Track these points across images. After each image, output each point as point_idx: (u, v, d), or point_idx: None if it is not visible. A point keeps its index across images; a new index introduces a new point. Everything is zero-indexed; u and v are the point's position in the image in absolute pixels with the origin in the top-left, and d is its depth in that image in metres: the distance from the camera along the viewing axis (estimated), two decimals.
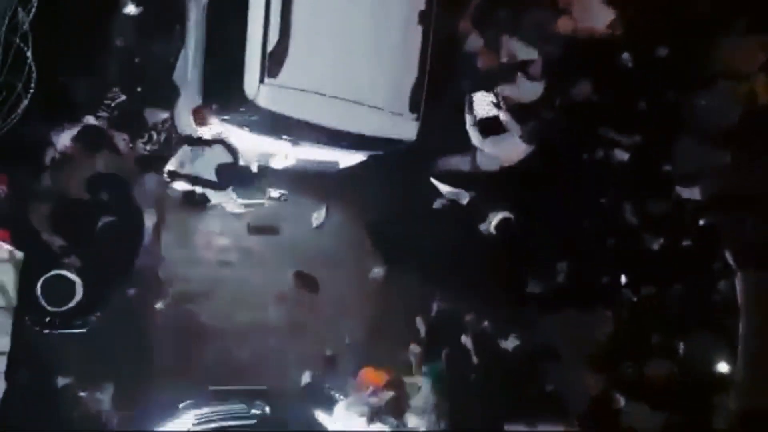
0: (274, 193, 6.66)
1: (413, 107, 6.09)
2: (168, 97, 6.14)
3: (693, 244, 6.80)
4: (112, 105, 5.74)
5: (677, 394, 6.56)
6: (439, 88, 6.33)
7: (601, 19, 6.59)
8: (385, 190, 7.00)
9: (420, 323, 7.02)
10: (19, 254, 4.57)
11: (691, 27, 6.38)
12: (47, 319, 4.76)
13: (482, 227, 6.81)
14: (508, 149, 6.75)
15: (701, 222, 6.69)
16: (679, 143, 6.54)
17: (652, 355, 6.68)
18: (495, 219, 6.71)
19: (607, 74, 6.61)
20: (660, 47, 6.53)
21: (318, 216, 7.20)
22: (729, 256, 6.61)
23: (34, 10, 4.14)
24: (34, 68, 4.21)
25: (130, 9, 5.93)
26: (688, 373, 6.65)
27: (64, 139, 5.49)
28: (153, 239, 6.40)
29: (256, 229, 6.94)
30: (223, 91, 5.81)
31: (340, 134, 5.96)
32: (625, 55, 6.58)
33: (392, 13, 5.89)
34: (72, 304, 4.65)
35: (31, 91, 4.23)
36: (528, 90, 6.72)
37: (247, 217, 6.87)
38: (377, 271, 7.23)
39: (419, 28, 6.02)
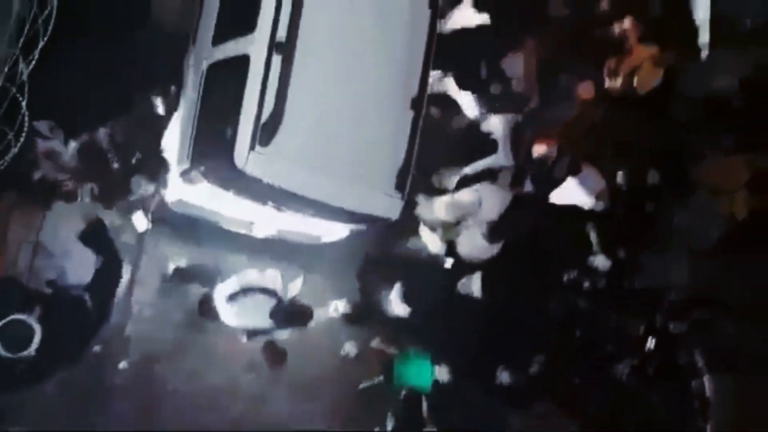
0: None
1: (399, 187, 6.19)
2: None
3: (663, 348, 6.82)
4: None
5: None
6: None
7: None
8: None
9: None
10: None
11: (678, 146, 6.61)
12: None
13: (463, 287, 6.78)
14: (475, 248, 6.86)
15: (671, 326, 6.73)
16: (657, 258, 6.67)
17: None
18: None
19: None
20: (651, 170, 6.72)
21: (293, 286, 7.15)
22: (699, 359, 6.66)
23: (34, 62, 4.21)
24: (27, 118, 4.25)
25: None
26: None
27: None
28: (126, 294, 6.33)
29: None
30: (213, 154, 5.88)
31: (326, 207, 6.02)
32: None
33: (386, 97, 6.06)
34: (28, 351, 4.51)
35: (22, 140, 4.27)
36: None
37: None
38: (348, 348, 7.15)
39: (411, 113, 6.18)
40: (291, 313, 6.19)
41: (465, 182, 6.90)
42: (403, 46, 6.16)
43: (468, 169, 6.91)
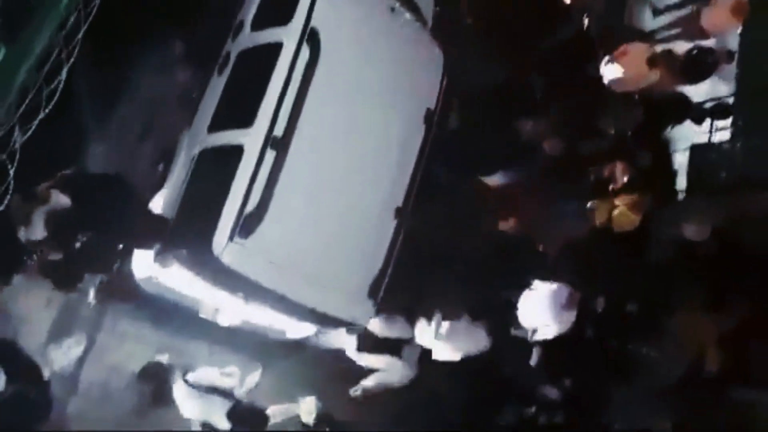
0: None
1: (371, 294, 6.17)
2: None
3: None
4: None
5: None
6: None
7: None
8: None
9: None
10: None
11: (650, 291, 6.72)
12: None
13: None
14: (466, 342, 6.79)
15: None
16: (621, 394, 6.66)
17: None
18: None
19: None
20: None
21: (250, 379, 6.95)
22: None
23: (30, 133, 4.20)
24: (12, 187, 4.20)
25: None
26: None
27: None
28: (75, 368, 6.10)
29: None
30: (192, 238, 5.83)
31: (296, 306, 5.95)
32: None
33: (371, 205, 6.14)
34: None
35: (1, 209, 4.20)
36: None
37: None
38: None
39: (393, 223, 6.25)
40: (248, 416, 5.98)
41: None
42: (395, 157, 6.30)
43: None
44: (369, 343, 6.65)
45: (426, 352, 6.73)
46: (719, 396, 6.37)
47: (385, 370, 6.80)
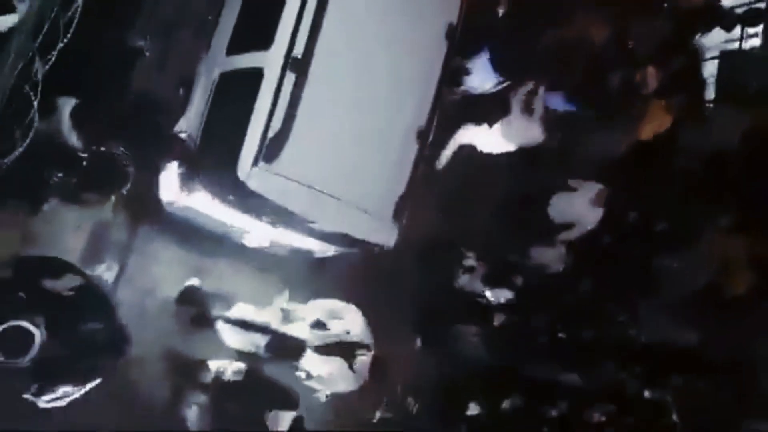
0: None
1: (396, 216, 6.20)
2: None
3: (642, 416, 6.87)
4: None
5: None
6: None
7: None
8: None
9: None
10: None
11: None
12: None
13: None
14: None
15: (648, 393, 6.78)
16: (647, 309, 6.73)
17: None
18: None
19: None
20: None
21: (280, 299, 7.09)
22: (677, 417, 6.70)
23: (50, 63, 4.18)
24: (36, 119, 4.21)
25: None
26: None
27: None
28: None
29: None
30: (216, 165, 5.86)
31: (322, 228, 6.01)
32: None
33: (395, 126, 6.08)
34: (27, 358, 4.43)
35: (28, 141, 4.22)
36: None
37: None
38: None
39: (416, 145, 6.20)
40: (286, 346, 6.15)
41: None
42: (418, 76, 6.18)
43: None
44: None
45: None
46: (746, 313, 6.41)
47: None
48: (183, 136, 6.11)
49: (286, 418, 5.52)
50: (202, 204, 6.18)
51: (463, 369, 6.99)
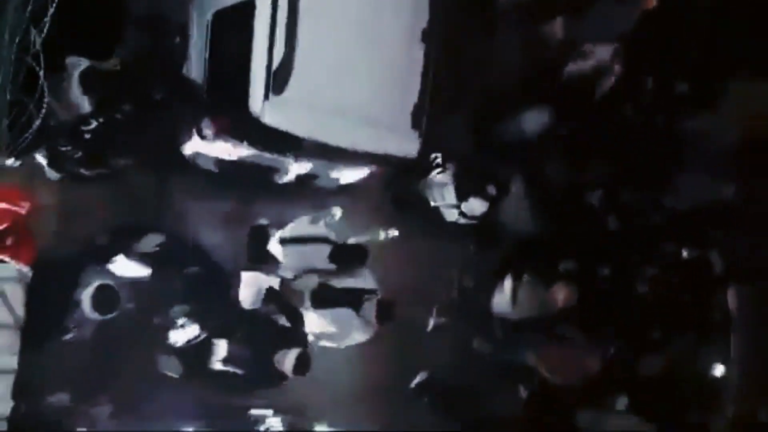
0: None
1: (415, 124, 6.16)
2: None
3: (687, 260, 6.91)
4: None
5: (672, 402, 6.66)
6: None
7: None
8: None
9: None
10: (27, 271, 4.58)
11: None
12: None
13: None
14: None
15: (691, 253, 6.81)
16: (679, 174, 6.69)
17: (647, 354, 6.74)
18: None
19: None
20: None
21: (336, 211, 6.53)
22: (723, 268, 6.77)
23: (46, 28, 4.13)
24: (46, 87, 4.21)
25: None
26: (683, 381, 6.76)
27: None
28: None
29: None
30: (227, 106, 5.83)
31: (344, 151, 5.99)
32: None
33: (395, 31, 5.96)
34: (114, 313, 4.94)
35: (43, 110, 4.23)
36: None
37: None
38: None
39: (422, 47, 6.08)
40: (349, 253, 6.10)
41: None
42: None
43: None
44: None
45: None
46: None
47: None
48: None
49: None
50: (223, 150, 6.20)
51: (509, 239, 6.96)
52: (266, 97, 5.57)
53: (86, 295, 4.89)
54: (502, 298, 6.53)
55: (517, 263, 6.69)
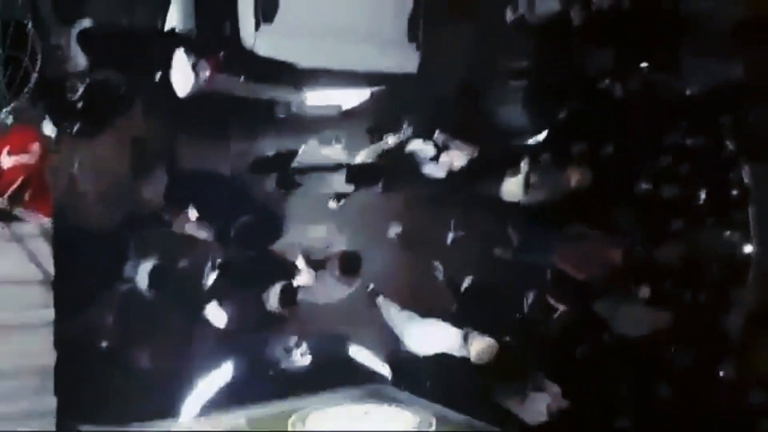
0: None
1: (412, 38, 6.06)
2: None
3: (699, 139, 6.83)
4: None
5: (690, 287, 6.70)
6: None
7: None
8: None
9: None
10: (48, 224, 4.65)
11: None
12: None
13: None
14: None
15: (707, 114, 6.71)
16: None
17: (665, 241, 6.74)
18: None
19: None
20: None
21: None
22: (736, 147, 6.70)
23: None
24: (38, 39, 4.18)
25: None
26: (702, 265, 6.78)
27: None
28: None
29: None
30: (219, 43, 5.76)
31: (342, 73, 5.94)
32: None
33: None
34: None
35: (38, 63, 4.22)
36: None
37: None
38: None
39: None
40: (365, 172, 6.18)
41: None
42: None
43: None
44: None
45: None
46: None
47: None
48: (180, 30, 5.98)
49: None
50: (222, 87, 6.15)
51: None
52: (257, 27, 5.51)
53: (143, 272, 5.06)
54: (513, 185, 6.45)
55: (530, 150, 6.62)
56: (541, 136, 6.73)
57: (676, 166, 6.81)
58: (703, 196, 6.82)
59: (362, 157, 6.26)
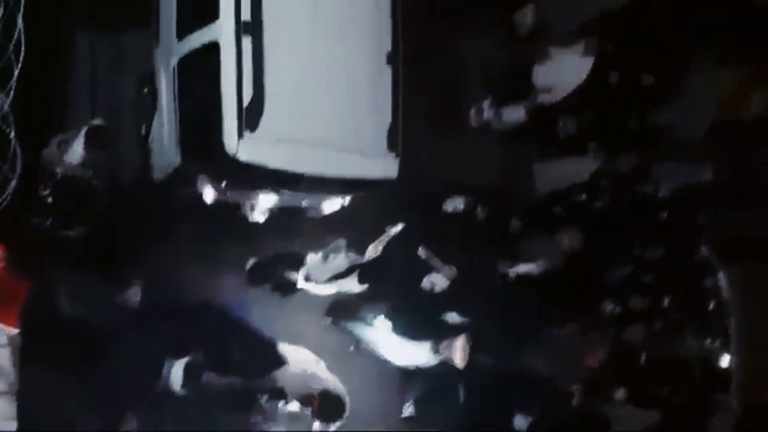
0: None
1: (391, 145, 6.20)
2: None
3: (674, 242, 6.92)
4: None
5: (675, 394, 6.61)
6: None
7: None
8: None
9: None
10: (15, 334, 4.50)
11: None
12: None
13: None
14: None
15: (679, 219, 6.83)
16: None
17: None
18: None
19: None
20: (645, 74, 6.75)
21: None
22: (710, 253, 6.78)
23: (12, 92, 4.14)
24: (18, 149, 4.20)
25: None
26: (685, 373, 6.72)
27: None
28: None
29: None
30: (203, 149, 5.84)
31: (323, 180, 6.01)
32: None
33: (360, 58, 6.01)
34: None
35: (18, 172, 4.22)
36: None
37: None
38: None
39: (388, 69, 6.15)
40: (376, 271, 6.15)
41: None
42: (369, 5, 6.09)
43: None
44: None
45: None
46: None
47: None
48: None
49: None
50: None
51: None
52: (240, 135, 5.60)
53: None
54: None
55: None
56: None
57: (649, 273, 6.85)
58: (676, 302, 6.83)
59: (370, 253, 6.26)
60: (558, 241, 6.46)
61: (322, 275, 6.18)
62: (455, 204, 6.75)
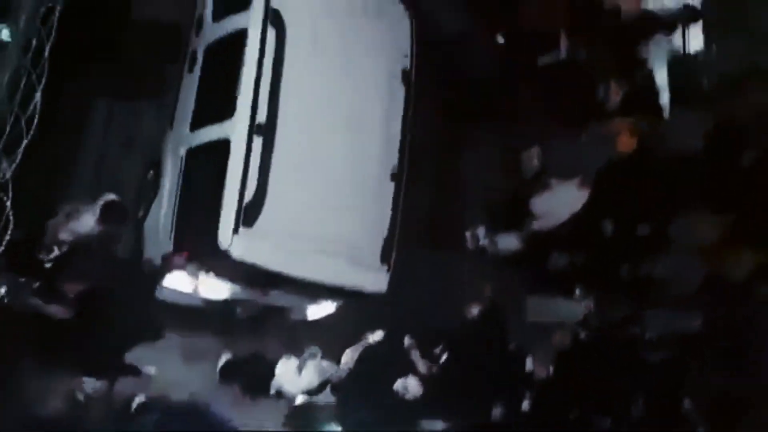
0: None
1: (384, 259, 6.19)
2: None
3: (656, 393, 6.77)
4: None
5: None
6: None
7: None
8: None
9: None
10: None
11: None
12: None
13: None
14: None
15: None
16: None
17: None
18: None
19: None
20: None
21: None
22: (693, 408, 6.63)
23: (18, 161, 4.18)
24: (12, 217, 4.18)
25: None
26: None
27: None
28: None
29: None
30: (197, 239, 5.83)
31: (312, 285, 5.96)
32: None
33: (367, 172, 6.13)
34: None
35: (7, 238, 4.18)
36: None
37: None
38: None
39: (392, 185, 6.26)
40: (348, 384, 6.10)
41: None
42: (380, 121, 6.27)
43: None
44: None
45: None
46: (746, 293, 6.46)
47: None
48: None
49: None
50: (187, 284, 6.11)
51: None
52: (236, 230, 5.60)
53: None
54: None
55: None
56: None
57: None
58: None
59: (346, 359, 6.20)
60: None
61: (294, 387, 6.02)
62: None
